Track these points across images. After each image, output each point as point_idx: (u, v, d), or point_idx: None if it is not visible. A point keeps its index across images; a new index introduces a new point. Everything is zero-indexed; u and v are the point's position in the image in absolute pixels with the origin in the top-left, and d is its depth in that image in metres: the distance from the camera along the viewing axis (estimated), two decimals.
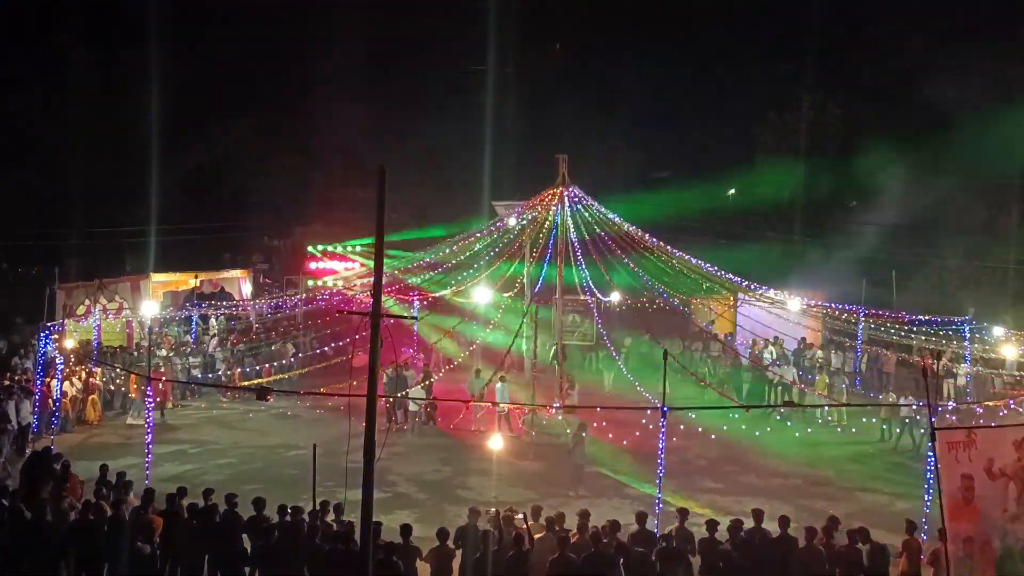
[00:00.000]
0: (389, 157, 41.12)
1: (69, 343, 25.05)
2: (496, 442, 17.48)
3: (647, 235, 27.07)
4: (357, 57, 44.45)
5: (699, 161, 43.65)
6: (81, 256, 40.87)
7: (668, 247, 27.33)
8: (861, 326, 29.80)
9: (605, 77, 48.55)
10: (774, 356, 29.63)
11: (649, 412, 21.62)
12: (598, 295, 28.35)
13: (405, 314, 29.29)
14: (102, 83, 43.07)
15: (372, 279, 10.92)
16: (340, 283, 32.64)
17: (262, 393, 15.72)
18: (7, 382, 23.23)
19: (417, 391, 25.21)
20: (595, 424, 21.36)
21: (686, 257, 27.47)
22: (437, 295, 29.95)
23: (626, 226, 26.86)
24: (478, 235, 28.45)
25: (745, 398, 27.06)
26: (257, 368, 29.10)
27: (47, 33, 42.82)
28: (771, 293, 29.03)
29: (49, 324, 24.62)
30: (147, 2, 42.00)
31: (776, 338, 30.02)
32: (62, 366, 23.54)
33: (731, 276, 27.95)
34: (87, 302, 31.04)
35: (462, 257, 28.81)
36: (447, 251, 28.55)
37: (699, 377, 27.97)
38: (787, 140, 43.05)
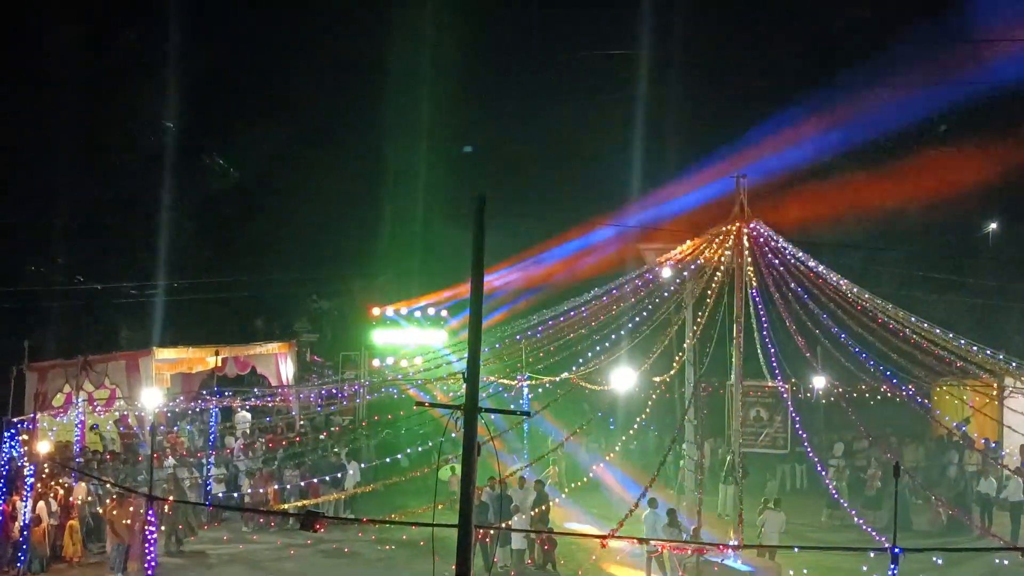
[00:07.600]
0: (489, 179, 41.86)
1: (43, 446, 25.78)
2: None
3: (866, 293, 27.00)
4: (445, 40, 45.27)
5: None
6: (58, 322, 41.47)
7: (899, 311, 27.17)
8: None
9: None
10: None
11: (872, 555, 21.52)
12: (794, 380, 28.31)
13: (513, 408, 29.52)
14: (91, 75, 43.78)
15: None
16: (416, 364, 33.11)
17: (309, 520, 16.06)
18: None
19: (528, 520, 25.54)
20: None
21: (926, 325, 27.27)
22: (555, 378, 30.15)
23: (836, 279, 26.86)
24: (616, 293, 28.67)
25: None
26: (302, 484, 29.72)
27: (20, 13, 43.61)
28: None
29: (15, 420, 25.56)
30: None
31: None
32: (31, 479, 24.35)
33: (992, 354, 27.60)
34: (67, 388, 31.91)
35: (594, 324, 29.05)
36: (571, 315, 28.86)
37: (944, 503, 27.56)
38: None
